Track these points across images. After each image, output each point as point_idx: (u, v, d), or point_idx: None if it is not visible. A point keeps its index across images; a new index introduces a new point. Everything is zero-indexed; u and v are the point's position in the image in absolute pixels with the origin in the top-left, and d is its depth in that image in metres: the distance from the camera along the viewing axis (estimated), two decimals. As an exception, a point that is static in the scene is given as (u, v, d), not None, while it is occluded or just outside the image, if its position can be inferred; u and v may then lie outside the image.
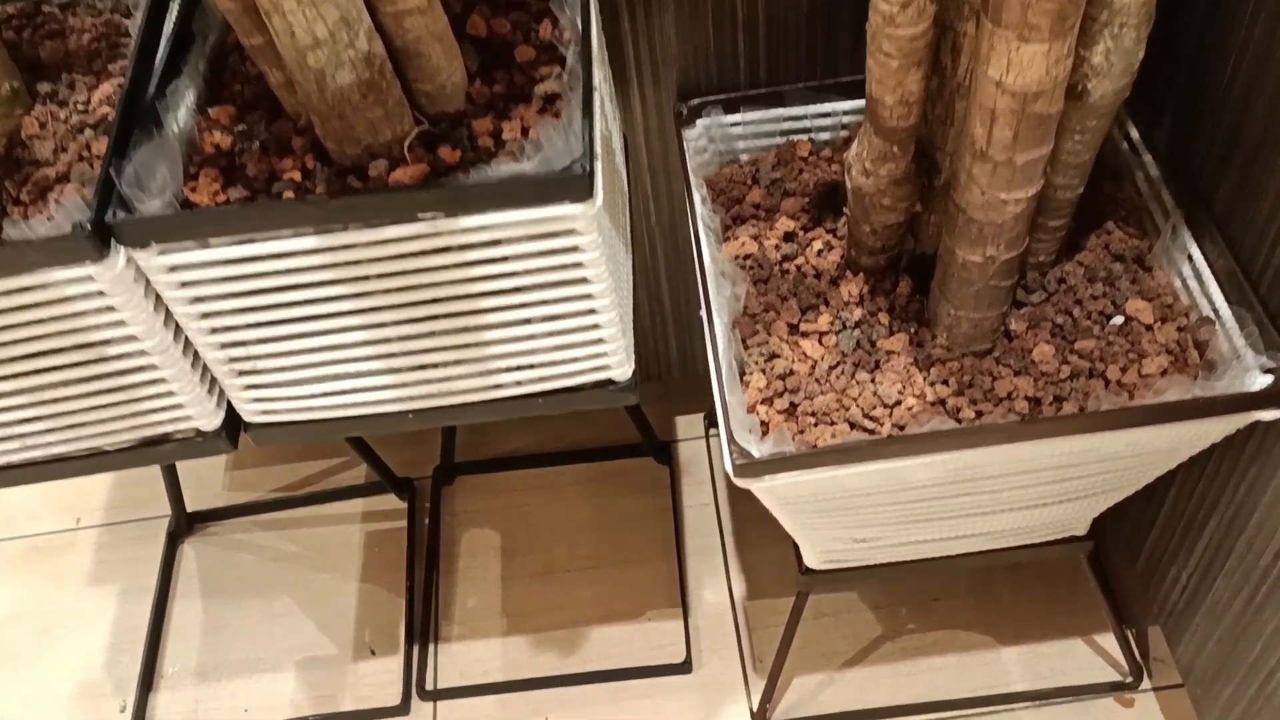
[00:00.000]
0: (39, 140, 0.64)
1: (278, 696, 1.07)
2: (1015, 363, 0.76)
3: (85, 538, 1.21)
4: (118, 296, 0.61)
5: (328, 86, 0.60)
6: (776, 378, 0.77)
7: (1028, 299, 0.80)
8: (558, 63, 0.68)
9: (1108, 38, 0.65)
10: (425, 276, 0.64)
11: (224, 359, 0.67)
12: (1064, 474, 0.77)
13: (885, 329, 0.79)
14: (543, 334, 0.68)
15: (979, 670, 1.04)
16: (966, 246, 0.72)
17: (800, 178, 0.89)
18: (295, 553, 1.18)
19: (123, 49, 0.70)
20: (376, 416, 0.72)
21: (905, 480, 0.75)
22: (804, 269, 0.84)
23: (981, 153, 0.66)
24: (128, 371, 0.66)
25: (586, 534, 1.17)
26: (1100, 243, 0.82)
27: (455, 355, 0.69)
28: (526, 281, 0.65)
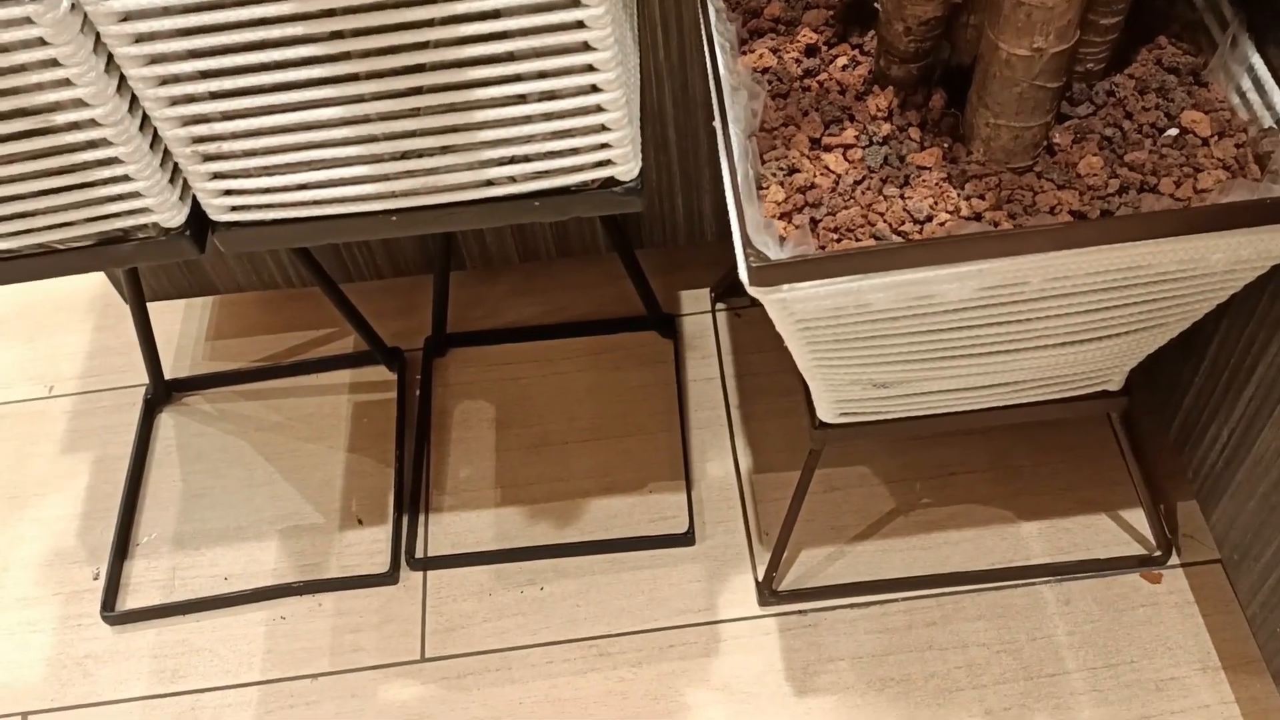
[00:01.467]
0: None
1: (259, 565, 1.02)
2: (1059, 177, 0.69)
3: (58, 406, 1.15)
4: (62, 46, 0.54)
5: None
6: (796, 191, 0.70)
7: (1073, 111, 0.73)
8: None
9: None
10: (407, 35, 0.57)
11: (185, 138, 0.60)
12: (1108, 299, 0.71)
13: (916, 144, 0.73)
14: (539, 115, 0.61)
15: (997, 544, 0.99)
16: (1012, 37, 0.65)
17: (825, -9, 0.82)
18: (279, 422, 1.12)
19: None
20: (356, 217, 0.66)
21: (934, 299, 0.68)
22: (827, 84, 0.77)
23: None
24: (78, 147, 0.59)
25: (585, 406, 1.11)
26: (1151, 56, 0.75)
27: (442, 141, 0.62)
28: (522, 45, 0.58)
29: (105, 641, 0.99)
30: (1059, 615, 0.95)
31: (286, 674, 0.96)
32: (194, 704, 0.95)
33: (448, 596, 1.00)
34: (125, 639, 0.99)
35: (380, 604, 1.00)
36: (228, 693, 0.95)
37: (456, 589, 1.00)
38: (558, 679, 0.94)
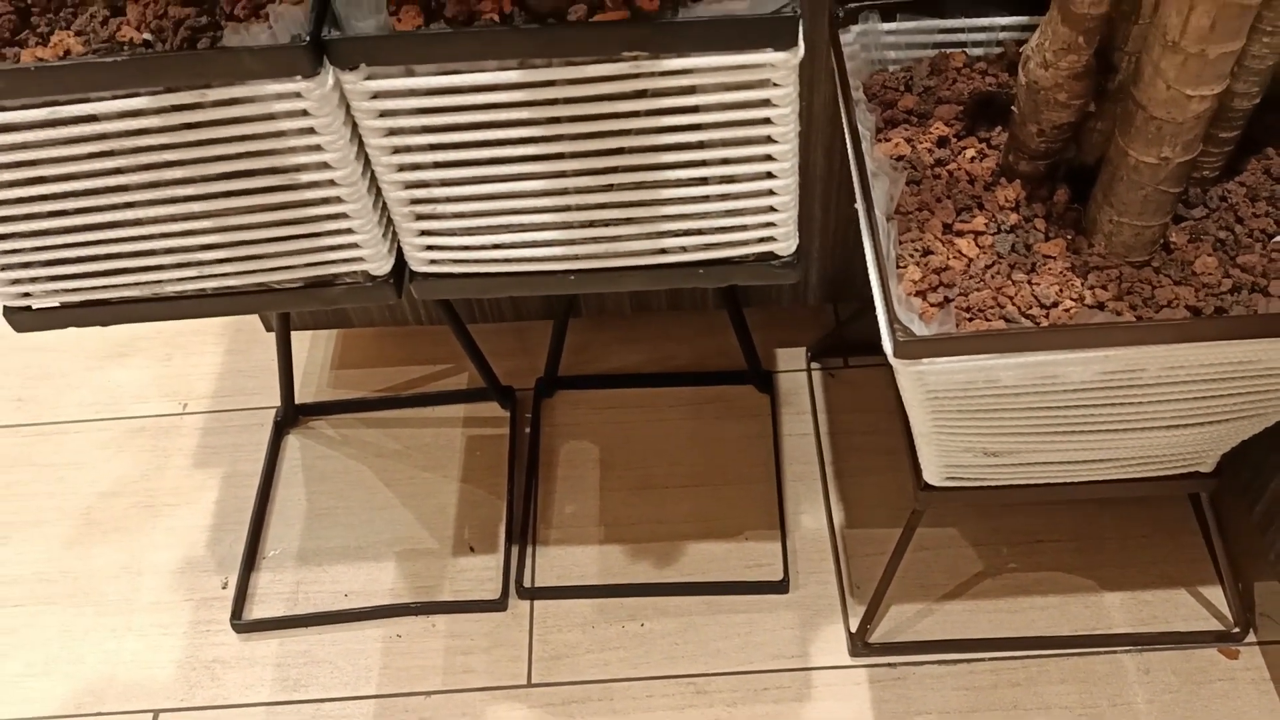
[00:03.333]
0: (249, -35, 0.65)
1: (377, 584, 1.09)
2: (1175, 273, 0.76)
3: (191, 423, 1.23)
4: (320, 118, 0.62)
5: (541, -78, 0.61)
6: (932, 272, 0.77)
7: (1188, 214, 0.79)
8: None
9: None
10: (615, 123, 0.64)
11: (406, 199, 0.68)
12: (1215, 389, 0.77)
13: (1041, 234, 0.79)
14: (717, 195, 0.68)
15: (1081, 611, 1.04)
16: (1141, 146, 0.71)
17: (954, 87, 0.89)
18: (398, 450, 1.19)
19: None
20: (539, 275, 0.73)
21: (1058, 379, 0.74)
22: (957, 173, 0.84)
23: (1173, 44, 0.66)
24: (313, 203, 0.67)
25: (685, 453, 1.17)
26: (1260, 166, 0.81)
27: (628, 213, 0.69)
28: (713, 136, 0.65)
29: (232, 648, 1.06)
30: (1139, 684, 0.99)
31: (401, 690, 1.02)
32: (315, 712, 1.01)
33: (553, 626, 1.06)
34: (251, 647, 1.06)
35: (490, 629, 1.06)
36: (346, 704, 1.02)
37: (562, 619, 1.06)
38: (657, 712, 1.00)
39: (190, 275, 0.71)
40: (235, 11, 0.63)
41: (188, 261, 0.70)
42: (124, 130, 0.62)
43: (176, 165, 0.64)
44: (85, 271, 0.70)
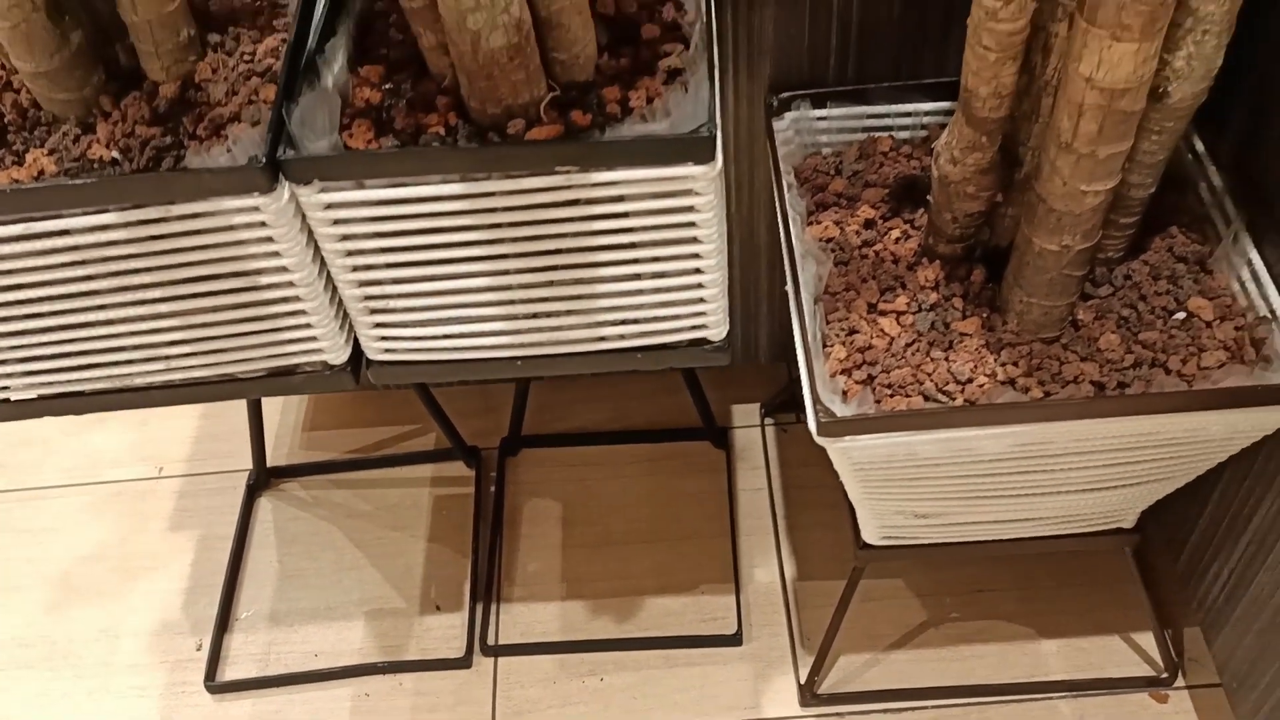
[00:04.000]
0: (212, 84, 0.70)
1: (347, 643, 1.13)
2: (1082, 349, 0.81)
3: (167, 486, 1.28)
4: (278, 229, 0.67)
5: (480, 48, 0.66)
6: (856, 350, 0.82)
7: (1095, 292, 0.85)
8: (680, 41, 0.74)
9: (1190, 43, 0.71)
10: (552, 228, 0.70)
11: (360, 296, 0.73)
12: (1122, 457, 0.82)
13: (959, 313, 0.85)
14: (650, 290, 0.74)
15: (1020, 659, 1.08)
16: (1044, 235, 0.77)
17: (881, 170, 0.95)
18: (367, 511, 1.23)
19: (281, 8, 0.77)
20: (488, 361, 0.78)
21: (974, 452, 0.80)
22: (882, 254, 0.89)
23: (1067, 145, 0.72)
24: (273, 302, 0.72)
25: (644, 509, 1.22)
26: (1164, 245, 0.87)
27: (568, 305, 0.74)
28: (643, 238, 0.71)
29: (206, 709, 1.09)
30: (1075, 728, 1.04)
31: (369, 747, 1.06)
32: (285, 770, 1.05)
33: (516, 682, 1.10)
34: (224, 707, 1.09)
35: (455, 686, 1.10)
36: (316, 762, 1.05)
37: (525, 675, 1.10)
38: (616, 764, 1.04)
39: (159, 369, 0.76)
40: (197, 131, 0.68)
41: (156, 356, 0.75)
42: (94, 242, 0.67)
43: (144, 271, 0.69)
44: (60, 367, 0.75)
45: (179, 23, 0.70)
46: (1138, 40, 0.65)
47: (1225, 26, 0.70)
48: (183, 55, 0.71)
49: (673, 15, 0.76)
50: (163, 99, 0.70)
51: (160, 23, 0.69)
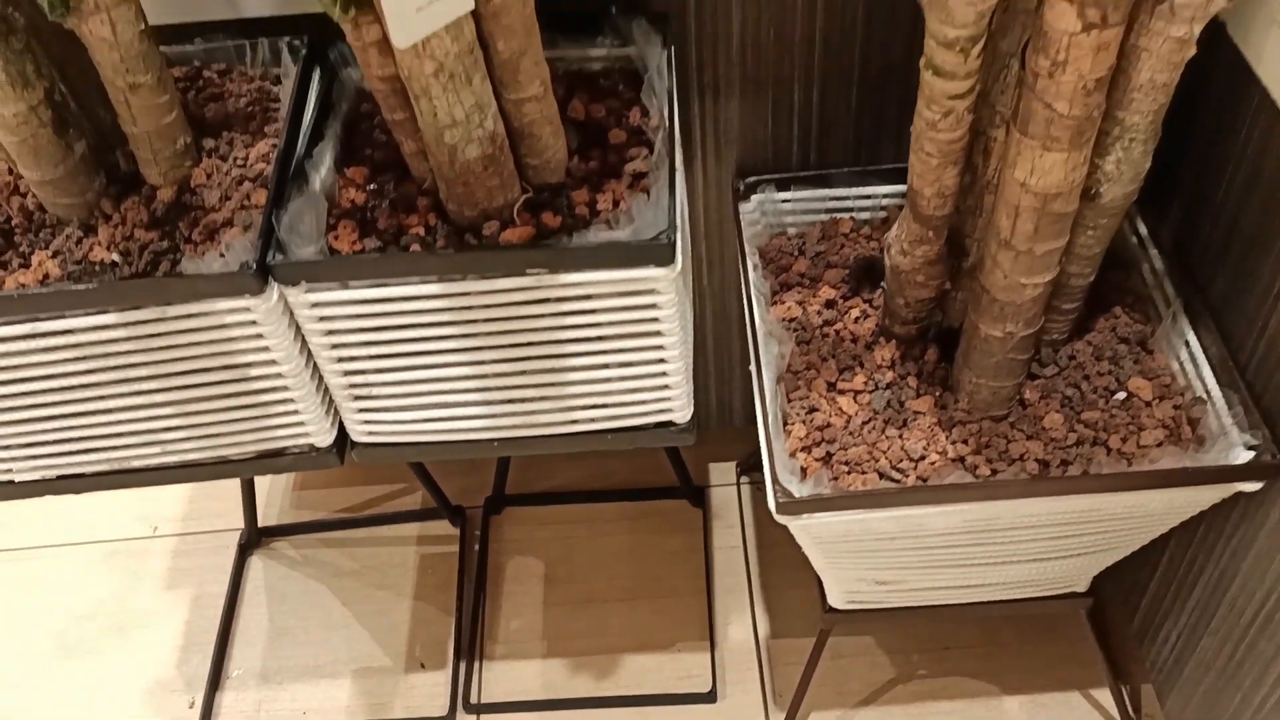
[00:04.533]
0: (206, 189, 0.75)
1: (334, 701, 1.16)
2: (1028, 428, 0.86)
3: (161, 545, 1.31)
4: (267, 326, 0.72)
5: (457, 159, 0.71)
6: (815, 429, 0.87)
7: (1041, 372, 0.90)
8: (645, 146, 0.79)
9: (1119, 149, 0.76)
10: (524, 323, 0.75)
11: (345, 384, 0.78)
12: (1067, 531, 0.87)
13: (913, 391, 0.90)
14: (618, 378, 0.78)
15: (983, 715, 1.12)
16: (989, 323, 0.82)
17: (842, 251, 1.00)
18: (355, 569, 1.27)
19: (273, 113, 0.82)
20: (467, 443, 0.83)
21: (925, 527, 0.84)
22: (842, 333, 0.94)
23: (1006, 242, 0.77)
24: (263, 391, 0.77)
25: (624, 567, 1.26)
26: (1108, 325, 0.92)
27: (541, 392, 0.79)
28: (609, 332, 0.75)
29: (197, 765, 1.13)
30: (1036, 783, 1.08)
31: (355, 803, 1.10)
32: (273, 827, 1.08)
33: (498, 739, 1.14)
34: (215, 764, 1.13)
35: (439, 743, 1.13)
36: (303, 818, 1.09)
37: (506, 732, 1.14)
38: (593, 820, 1.07)
39: (155, 452, 0.80)
40: (193, 236, 0.73)
41: (152, 441, 0.79)
42: (95, 340, 0.72)
43: (142, 365, 0.74)
44: (61, 451, 0.79)
45: (176, 133, 0.75)
46: (1066, 150, 0.71)
47: (1150, 134, 0.75)
48: (179, 161, 0.76)
49: (638, 120, 0.81)
50: (160, 203, 0.75)
51: (159, 133, 0.74)
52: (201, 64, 0.85)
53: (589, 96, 0.83)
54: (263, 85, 0.84)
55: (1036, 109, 0.69)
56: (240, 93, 0.83)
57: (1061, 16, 0.65)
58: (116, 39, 0.68)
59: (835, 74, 0.95)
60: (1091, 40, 0.65)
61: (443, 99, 0.68)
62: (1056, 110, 0.69)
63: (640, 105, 0.82)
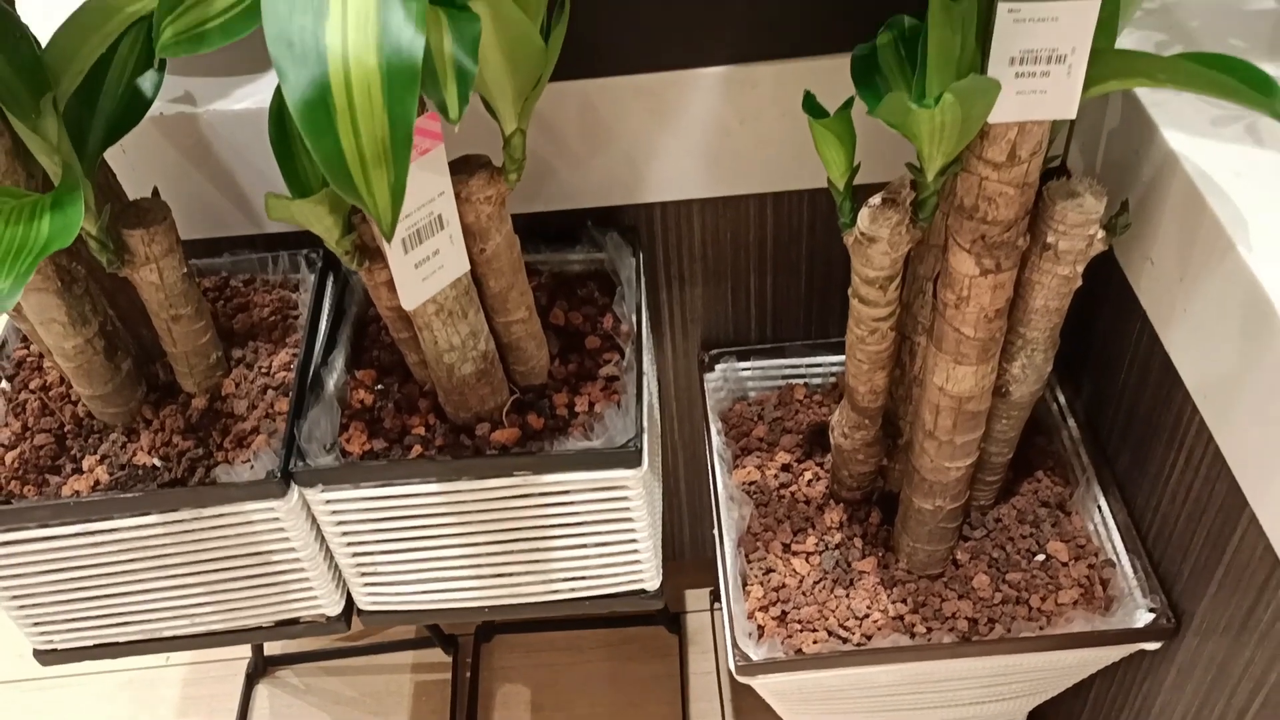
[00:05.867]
0: (235, 398, 0.87)
1: (334, 828, 1.25)
2: (959, 587, 0.97)
3: (174, 674, 1.40)
4: (289, 522, 0.83)
5: (454, 374, 0.83)
6: (772, 589, 0.98)
7: (972, 534, 1.01)
8: (618, 351, 0.91)
9: (1023, 357, 0.88)
10: (511, 513, 0.86)
11: (354, 564, 0.89)
12: (996, 680, 0.97)
13: (859, 552, 1.01)
14: (594, 556, 0.89)
15: (939, 834, 1.21)
16: (921, 497, 0.94)
17: (796, 417, 1.12)
18: (353, 698, 1.36)
19: (292, 320, 0.94)
20: (461, 609, 0.93)
21: (870, 681, 0.95)
22: (797, 496, 1.06)
23: (930, 433, 0.89)
24: (282, 571, 0.87)
25: (605, 694, 1.36)
26: (1031, 489, 1.04)
27: (526, 569, 0.90)
28: (586, 519, 0.86)
29: None
30: None
31: None
32: None
33: None
34: None
35: None
36: None
37: None
38: None
39: (183, 623, 0.90)
40: (224, 444, 0.84)
41: (182, 615, 0.89)
42: (137, 536, 0.83)
43: (176, 554, 0.85)
44: (99, 625, 0.89)
45: (209, 349, 0.87)
46: (975, 364, 0.83)
47: (1049, 344, 0.88)
48: (211, 372, 0.88)
49: (611, 326, 0.93)
50: (195, 410, 0.86)
51: (195, 352, 0.86)
52: (229, 274, 0.97)
53: (568, 304, 0.95)
54: (283, 294, 0.96)
55: (947, 331, 0.82)
56: (263, 302, 0.95)
57: (962, 263, 0.78)
58: (163, 282, 0.80)
59: (785, 266, 1.08)
60: (989, 281, 0.78)
61: (442, 331, 0.80)
62: (964, 334, 0.81)
63: (613, 313, 0.94)
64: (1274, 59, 0.84)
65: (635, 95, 0.91)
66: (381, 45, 0.52)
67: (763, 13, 0.87)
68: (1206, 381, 0.77)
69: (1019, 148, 0.71)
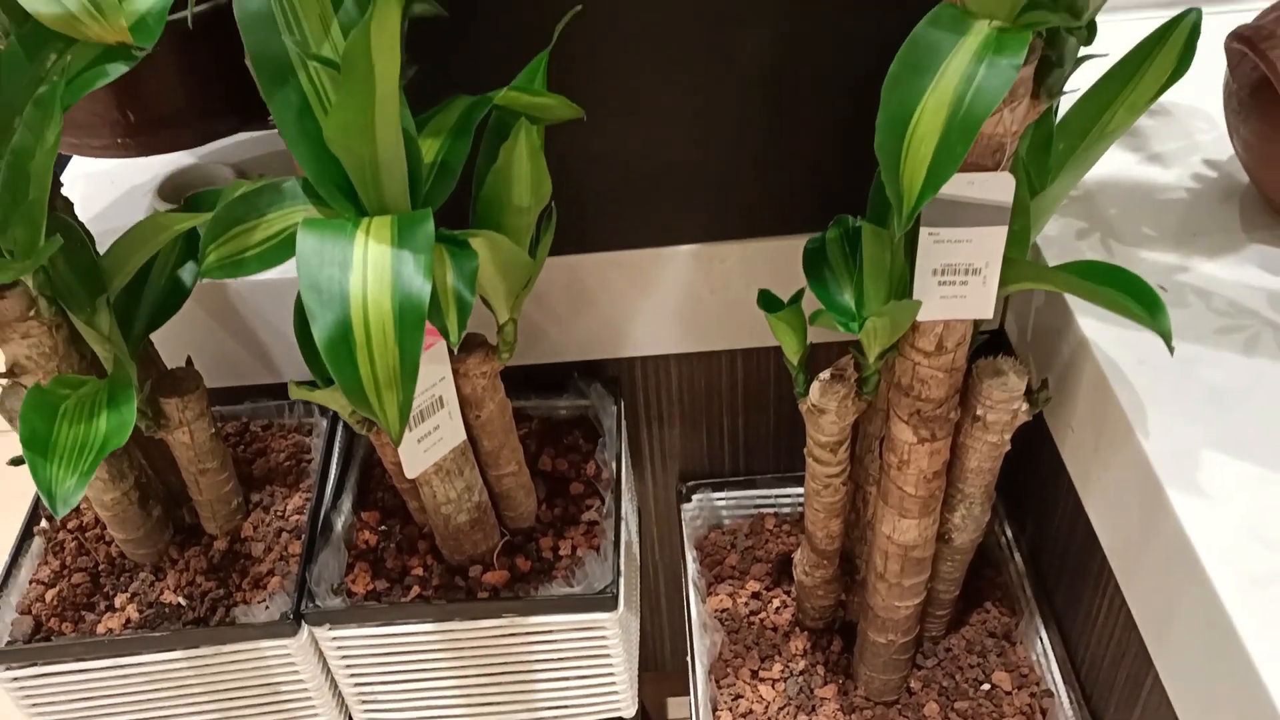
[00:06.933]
0: (253, 541, 0.96)
1: None
2: (912, 715, 1.05)
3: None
4: (299, 657, 0.92)
5: (450, 523, 0.93)
6: (740, 715, 1.06)
7: (924, 663, 1.09)
8: (599, 497, 1.01)
9: (963, 508, 0.98)
10: (500, 647, 0.95)
11: (356, 694, 0.97)
12: (947, 801, 1.05)
13: (821, 679, 1.09)
14: (575, 687, 0.98)
15: None
16: (875, 631, 1.02)
17: (766, 546, 1.21)
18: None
19: (305, 464, 1.04)
20: (453, 732, 1.02)
21: (830, 801, 1.03)
22: (765, 623, 1.14)
23: (880, 575, 0.98)
24: (292, 701, 0.96)
25: (589, 799, 1.42)
26: (980, 619, 1.13)
27: (513, 696, 0.98)
28: (567, 654, 0.95)
29: None
30: None
31: None
32: None
33: None
34: None
35: None
36: None
37: None
38: None
39: (199, 748, 0.99)
40: (243, 585, 0.93)
41: (197, 739, 0.98)
42: (162, 670, 0.92)
43: (196, 685, 0.93)
44: (121, 748, 0.98)
45: (231, 496, 0.97)
46: (918, 518, 0.93)
47: (986, 498, 0.97)
48: (232, 516, 0.97)
49: (594, 472, 1.03)
50: (216, 551, 0.96)
51: (218, 499, 0.95)
52: (248, 419, 1.08)
53: (555, 451, 1.05)
54: (298, 439, 1.06)
55: (891, 489, 0.92)
56: (280, 447, 1.05)
57: (902, 431, 0.88)
58: (193, 441, 0.90)
59: (755, 408, 1.18)
60: (926, 449, 0.88)
61: (441, 487, 0.90)
62: (906, 492, 0.91)
63: (596, 460, 1.04)
64: (1180, 249, 0.96)
65: (616, 268, 1.02)
66: (395, 291, 0.63)
67: (727, 200, 0.99)
68: (1115, 543, 0.86)
69: (945, 340, 0.82)
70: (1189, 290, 0.92)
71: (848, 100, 0.92)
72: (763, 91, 0.92)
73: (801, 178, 0.97)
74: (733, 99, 0.92)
